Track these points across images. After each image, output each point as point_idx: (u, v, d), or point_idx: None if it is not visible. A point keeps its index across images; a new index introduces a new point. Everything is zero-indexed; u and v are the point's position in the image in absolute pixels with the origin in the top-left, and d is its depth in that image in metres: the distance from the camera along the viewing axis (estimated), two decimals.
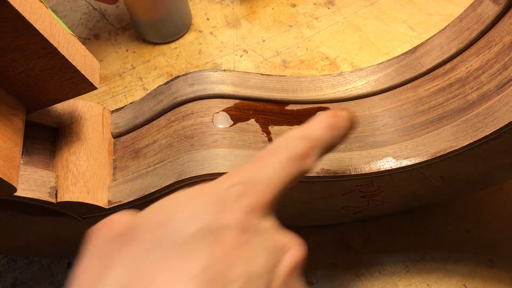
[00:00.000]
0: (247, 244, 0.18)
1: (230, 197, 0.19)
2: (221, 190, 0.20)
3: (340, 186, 0.32)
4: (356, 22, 0.55)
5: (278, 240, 0.20)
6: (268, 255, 0.19)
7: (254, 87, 0.33)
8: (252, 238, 0.19)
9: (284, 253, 0.20)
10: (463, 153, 0.29)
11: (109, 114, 0.34)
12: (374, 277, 0.38)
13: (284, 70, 0.52)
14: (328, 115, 0.24)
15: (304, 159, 0.22)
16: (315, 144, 0.22)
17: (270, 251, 0.19)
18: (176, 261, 0.17)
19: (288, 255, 0.20)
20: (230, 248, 0.18)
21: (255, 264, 0.18)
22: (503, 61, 0.29)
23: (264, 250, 0.19)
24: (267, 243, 0.19)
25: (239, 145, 0.30)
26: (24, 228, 0.33)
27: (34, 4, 0.23)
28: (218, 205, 0.19)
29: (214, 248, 0.18)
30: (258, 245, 0.19)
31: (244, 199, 0.19)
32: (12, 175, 0.25)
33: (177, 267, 0.17)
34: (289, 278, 0.19)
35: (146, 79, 0.53)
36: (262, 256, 0.19)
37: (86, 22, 0.59)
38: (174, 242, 0.18)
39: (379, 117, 0.33)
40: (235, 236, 0.18)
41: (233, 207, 0.19)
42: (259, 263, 0.18)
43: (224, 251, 0.18)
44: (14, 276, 0.41)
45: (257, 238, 0.19)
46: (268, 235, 0.20)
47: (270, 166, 0.21)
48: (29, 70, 0.25)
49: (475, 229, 0.40)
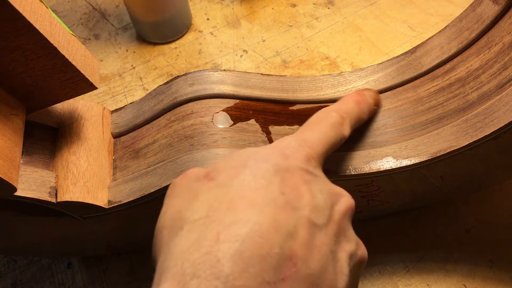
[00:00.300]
0: (311, 183, 0.22)
1: (289, 149, 0.23)
2: (281, 146, 0.23)
3: (340, 186, 0.32)
4: (356, 22, 0.55)
5: (333, 187, 0.23)
6: (328, 195, 0.22)
7: (254, 87, 0.33)
8: (314, 179, 0.22)
9: (339, 198, 0.23)
10: (463, 153, 0.29)
11: (109, 114, 0.34)
12: (374, 277, 0.38)
13: (284, 70, 0.52)
14: (355, 93, 0.30)
15: (341, 126, 0.26)
16: (346, 115, 0.27)
17: (329, 192, 0.22)
18: (256, 187, 0.20)
19: (343, 200, 0.23)
20: (298, 183, 0.21)
21: (319, 199, 0.21)
22: (503, 61, 0.29)
23: (325, 190, 0.22)
24: (326, 186, 0.23)
25: (239, 145, 0.30)
26: (24, 228, 0.33)
27: (34, 4, 0.23)
28: (281, 154, 0.23)
29: (286, 181, 0.21)
30: (319, 185, 0.22)
31: (301, 150, 0.23)
32: (12, 175, 0.25)
33: (258, 191, 0.20)
34: (343, 218, 0.22)
35: (146, 79, 0.53)
36: (324, 194, 0.22)
37: (86, 22, 0.59)
38: (253, 174, 0.21)
39: (379, 117, 0.33)
40: (300, 174, 0.22)
41: (293, 156, 0.23)
42: (321, 199, 0.22)
43: (294, 185, 0.21)
44: (14, 276, 0.41)
45: (318, 180, 0.22)
46: (325, 181, 0.23)
47: (316, 130, 0.25)
48: (29, 70, 0.25)
49: (475, 229, 0.40)
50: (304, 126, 0.26)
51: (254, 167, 0.22)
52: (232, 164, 0.22)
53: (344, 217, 0.22)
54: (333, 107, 0.28)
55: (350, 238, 0.23)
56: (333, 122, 0.26)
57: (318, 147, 0.24)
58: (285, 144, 0.23)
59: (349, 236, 0.23)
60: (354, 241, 0.23)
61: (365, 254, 0.24)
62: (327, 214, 0.21)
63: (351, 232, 0.23)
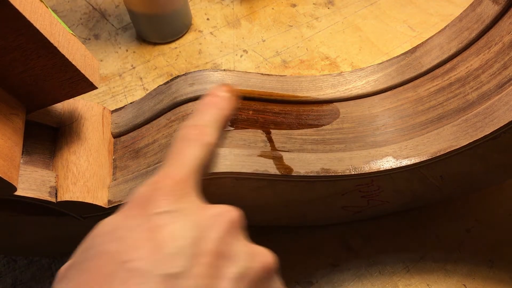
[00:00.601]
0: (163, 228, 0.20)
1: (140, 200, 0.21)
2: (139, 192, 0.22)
3: (340, 186, 0.32)
4: (356, 22, 0.55)
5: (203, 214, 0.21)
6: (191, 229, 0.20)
7: (254, 87, 0.33)
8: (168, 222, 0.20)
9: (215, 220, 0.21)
10: (463, 153, 0.29)
11: (109, 114, 0.34)
12: (374, 277, 0.38)
13: (284, 70, 0.52)
14: (206, 96, 0.28)
15: (199, 136, 0.24)
16: (203, 122, 0.26)
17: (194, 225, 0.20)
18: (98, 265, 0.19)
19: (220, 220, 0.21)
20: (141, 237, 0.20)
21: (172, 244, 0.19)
22: (503, 61, 0.29)
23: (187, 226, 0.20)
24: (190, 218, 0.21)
25: (239, 144, 0.30)
26: (24, 228, 0.33)
27: (34, 4, 0.23)
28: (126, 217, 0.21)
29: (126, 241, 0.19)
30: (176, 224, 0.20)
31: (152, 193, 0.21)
32: (12, 175, 0.25)
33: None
34: (221, 241, 0.20)
35: (146, 79, 0.53)
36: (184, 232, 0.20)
37: (86, 22, 0.59)
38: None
39: (379, 116, 0.33)
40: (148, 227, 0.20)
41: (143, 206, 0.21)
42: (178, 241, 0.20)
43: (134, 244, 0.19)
44: (14, 276, 0.41)
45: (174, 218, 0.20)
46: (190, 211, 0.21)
47: (172, 158, 0.24)
48: (29, 70, 0.25)
49: (475, 229, 0.40)
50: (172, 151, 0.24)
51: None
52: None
53: (223, 238, 0.20)
54: (187, 122, 0.26)
55: (235, 257, 0.20)
56: (188, 138, 0.24)
57: (177, 174, 0.22)
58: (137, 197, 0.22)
59: (235, 255, 0.20)
60: (243, 257, 0.20)
61: (266, 262, 0.21)
62: (189, 254, 0.19)
63: (238, 247, 0.21)
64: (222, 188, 0.30)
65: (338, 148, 0.32)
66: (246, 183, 0.30)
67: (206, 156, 0.24)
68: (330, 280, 0.38)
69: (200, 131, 0.25)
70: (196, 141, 0.24)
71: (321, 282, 0.38)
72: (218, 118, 0.27)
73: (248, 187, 0.30)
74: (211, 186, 0.29)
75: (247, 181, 0.30)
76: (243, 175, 0.29)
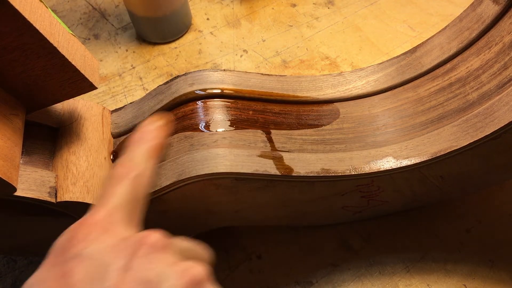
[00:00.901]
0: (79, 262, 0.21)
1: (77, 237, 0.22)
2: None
3: (340, 186, 0.32)
4: (356, 22, 0.55)
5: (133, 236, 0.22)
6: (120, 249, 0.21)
7: (254, 87, 0.33)
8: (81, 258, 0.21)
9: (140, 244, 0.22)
10: (463, 153, 0.29)
11: (109, 114, 0.34)
12: (374, 277, 0.38)
13: (284, 70, 0.52)
14: (134, 134, 0.29)
15: (128, 173, 0.25)
16: (132, 159, 0.26)
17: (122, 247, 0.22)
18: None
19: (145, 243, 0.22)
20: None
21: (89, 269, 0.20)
22: (503, 61, 0.29)
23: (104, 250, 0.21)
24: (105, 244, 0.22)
25: (239, 145, 0.30)
26: (24, 228, 0.33)
27: (34, 4, 0.23)
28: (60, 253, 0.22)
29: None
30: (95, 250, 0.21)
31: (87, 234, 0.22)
32: (12, 175, 0.25)
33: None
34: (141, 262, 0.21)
35: (146, 79, 0.53)
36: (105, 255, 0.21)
37: (86, 22, 0.59)
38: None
39: (379, 117, 0.33)
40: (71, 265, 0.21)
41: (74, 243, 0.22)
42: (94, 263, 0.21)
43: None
44: (14, 276, 0.41)
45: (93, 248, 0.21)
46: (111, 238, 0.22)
47: (104, 197, 0.24)
48: (29, 70, 0.25)
49: (475, 229, 0.40)
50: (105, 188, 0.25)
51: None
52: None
53: (143, 264, 0.20)
54: (117, 161, 0.27)
55: (160, 278, 0.20)
56: (114, 177, 0.25)
57: (99, 214, 0.23)
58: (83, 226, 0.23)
59: (160, 276, 0.20)
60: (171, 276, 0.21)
61: (194, 274, 0.21)
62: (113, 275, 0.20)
63: (163, 269, 0.21)
64: (222, 188, 0.30)
65: (338, 148, 0.32)
66: (246, 183, 0.30)
67: (134, 188, 0.25)
68: (330, 280, 0.38)
69: (127, 169, 0.26)
70: (121, 179, 0.25)
71: (321, 282, 0.38)
72: (148, 150, 0.27)
73: (248, 187, 0.30)
74: (211, 186, 0.29)
75: (247, 181, 0.30)
76: (243, 175, 0.29)
